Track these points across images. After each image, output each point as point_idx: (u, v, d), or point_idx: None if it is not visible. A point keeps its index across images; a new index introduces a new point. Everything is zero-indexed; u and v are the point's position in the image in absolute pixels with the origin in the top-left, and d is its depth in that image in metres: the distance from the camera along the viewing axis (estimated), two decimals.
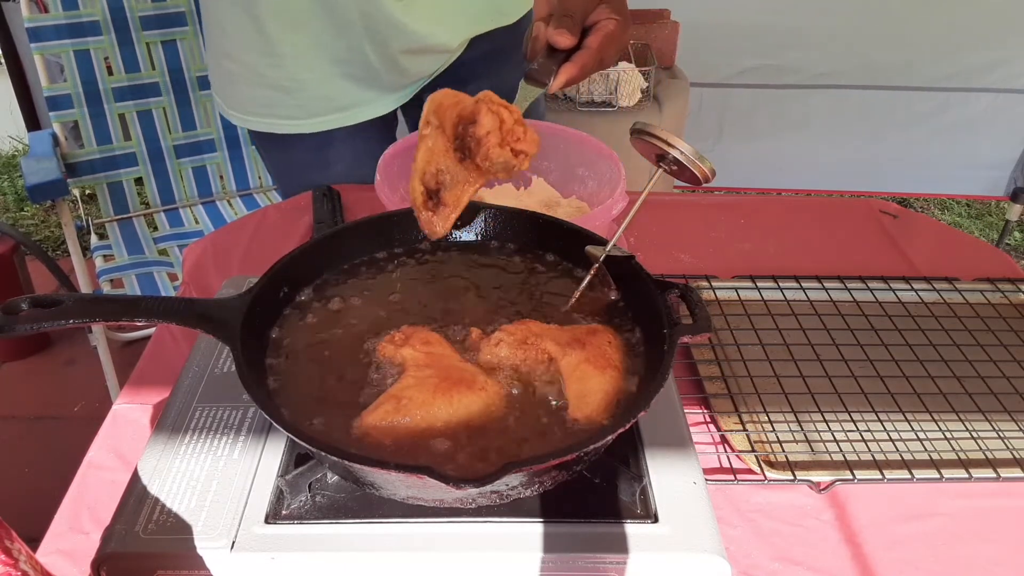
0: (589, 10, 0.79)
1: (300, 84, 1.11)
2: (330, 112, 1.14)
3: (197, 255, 1.05)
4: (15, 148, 3.12)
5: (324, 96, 1.13)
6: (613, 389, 0.60)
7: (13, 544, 0.41)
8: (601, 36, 0.78)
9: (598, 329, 0.65)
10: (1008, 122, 2.70)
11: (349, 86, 1.12)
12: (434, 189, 0.69)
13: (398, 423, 0.56)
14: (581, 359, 0.61)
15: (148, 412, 0.78)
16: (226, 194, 2.06)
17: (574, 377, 0.60)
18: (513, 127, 0.65)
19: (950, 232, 1.20)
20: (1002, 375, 0.86)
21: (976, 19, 2.49)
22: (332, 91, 1.12)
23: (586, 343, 0.62)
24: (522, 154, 0.66)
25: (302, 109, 1.13)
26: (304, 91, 1.11)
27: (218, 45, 1.13)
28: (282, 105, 1.13)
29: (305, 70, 1.09)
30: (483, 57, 1.18)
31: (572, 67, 0.77)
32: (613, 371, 0.61)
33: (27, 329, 0.54)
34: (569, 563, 0.55)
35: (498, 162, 0.65)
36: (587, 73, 0.79)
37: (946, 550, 0.69)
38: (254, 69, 1.10)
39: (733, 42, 2.57)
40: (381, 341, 0.63)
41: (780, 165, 2.86)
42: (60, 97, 1.83)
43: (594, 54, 0.78)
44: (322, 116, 1.14)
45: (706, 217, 1.17)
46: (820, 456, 0.76)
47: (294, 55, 1.08)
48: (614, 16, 0.79)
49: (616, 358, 0.63)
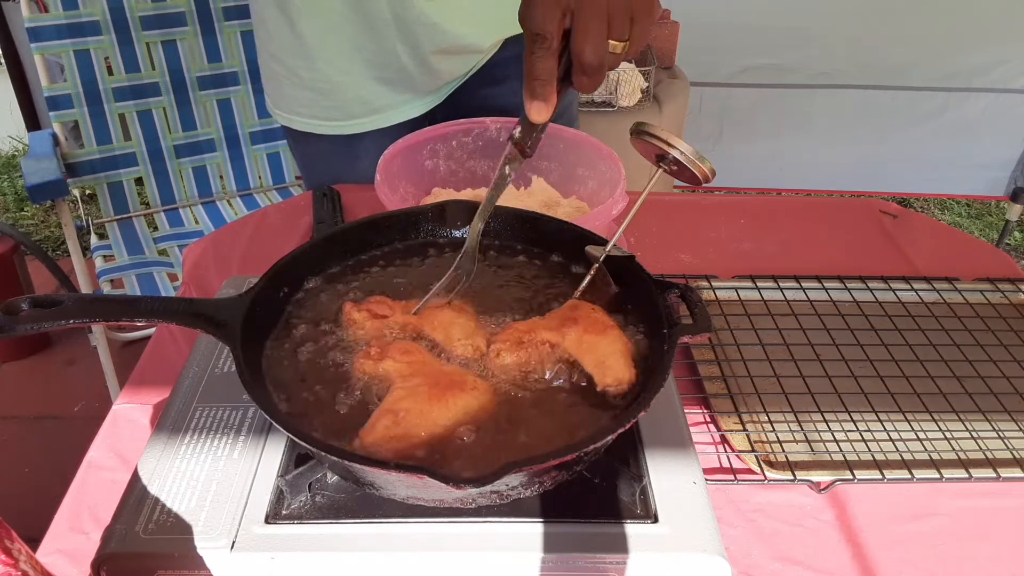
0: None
1: (335, 86, 1.12)
2: (365, 115, 1.15)
3: (197, 255, 1.05)
4: (15, 148, 3.12)
5: (359, 98, 1.14)
6: (624, 346, 0.62)
7: (13, 544, 0.41)
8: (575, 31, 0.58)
9: (576, 304, 0.66)
10: (1008, 122, 2.70)
11: (382, 89, 1.13)
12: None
13: (400, 437, 0.55)
14: (580, 332, 0.62)
15: (148, 412, 0.78)
16: (226, 194, 2.06)
17: (583, 350, 0.61)
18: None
19: (950, 232, 1.20)
20: (1002, 375, 0.86)
21: (976, 19, 2.49)
22: (366, 93, 1.13)
23: (576, 318, 0.63)
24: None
25: (339, 111, 1.15)
26: (339, 93, 1.13)
27: (265, 45, 1.15)
28: (320, 107, 1.14)
29: (339, 73, 1.10)
30: (516, 58, 1.17)
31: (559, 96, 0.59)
32: (612, 330, 0.63)
33: (27, 329, 0.54)
34: (569, 563, 0.55)
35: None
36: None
37: (946, 550, 0.69)
38: (293, 70, 1.12)
39: (733, 42, 2.57)
40: (356, 357, 0.62)
41: (780, 165, 2.86)
42: (60, 97, 1.83)
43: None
44: (358, 118, 1.16)
45: (706, 217, 1.17)
46: (820, 456, 0.76)
47: (327, 57, 1.09)
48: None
49: (607, 319, 0.64)
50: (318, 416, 0.58)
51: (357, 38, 1.07)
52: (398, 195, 0.97)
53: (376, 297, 0.67)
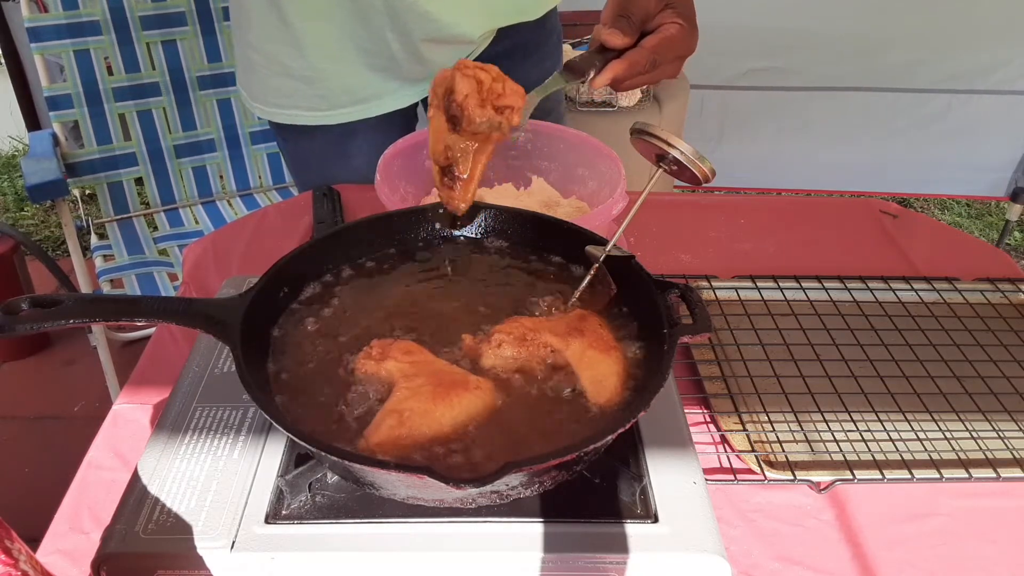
0: (651, 13, 0.76)
1: (321, 74, 1.11)
2: (351, 104, 1.14)
3: (197, 255, 1.05)
4: (15, 148, 3.12)
5: (345, 87, 1.13)
6: (622, 369, 0.62)
7: (13, 544, 0.41)
8: (659, 38, 0.75)
9: (585, 314, 0.66)
10: (1009, 123, 2.70)
11: (371, 76, 1.12)
12: (448, 166, 0.69)
13: (404, 436, 0.55)
14: (585, 346, 0.62)
15: (148, 412, 0.78)
16: (226, 194, 2.06)
17: (583, 365, 0.61)
18: (492, 85, 0.65)
19: (950, 232, 1.20)
20: (1002, 375, 0.86)
21: (977, 21, 2.49)
22: (354, 82, 1.12)
23: (583, 330, 0.63)
24: (507, 109, 0.66)
25: (324, 100, 1.13)
26: (325, 81, 1.12)
27: (243, 36, 1.14)
28: (304, 96, 1.13)
29: (327, 60, 1.09)
30: (507, 52, 1.17)
31: (620, 64, 0.74)
32: (615, 351, 0.63)
33: (27, 329, 0.54)
34: (569, 563, 0.55)
35: (483, 123, 0.65)
36: (635, 73, 0.75)
37: (946, 550, 0.69)
38: (276, 59, 1.10)
39: (735, 44, 2.57)
40: (358, 358, 0.62)
41: (780, 165, 2.86)
42: (60, 97, 1.84)
43: (646, 53, 0.74)
44: (344, 108, 1.14)
45: (706, 217, 1.17)
46: (820, 456, 0.76)
47: (316, 44, 1.08)
48: (677, 20, 0.76)
49: (612, 338, 0.64)
50: (318, 416, 0.58)
51: (348, 25, 1.06)
52: (398, 195, 0.97)
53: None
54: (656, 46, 0.75)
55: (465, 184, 0.70)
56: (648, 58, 0.75)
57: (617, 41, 0.74)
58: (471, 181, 0.70)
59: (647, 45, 0.75)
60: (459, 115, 0.66)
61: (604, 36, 0.74)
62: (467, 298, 0.70)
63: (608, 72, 0.74)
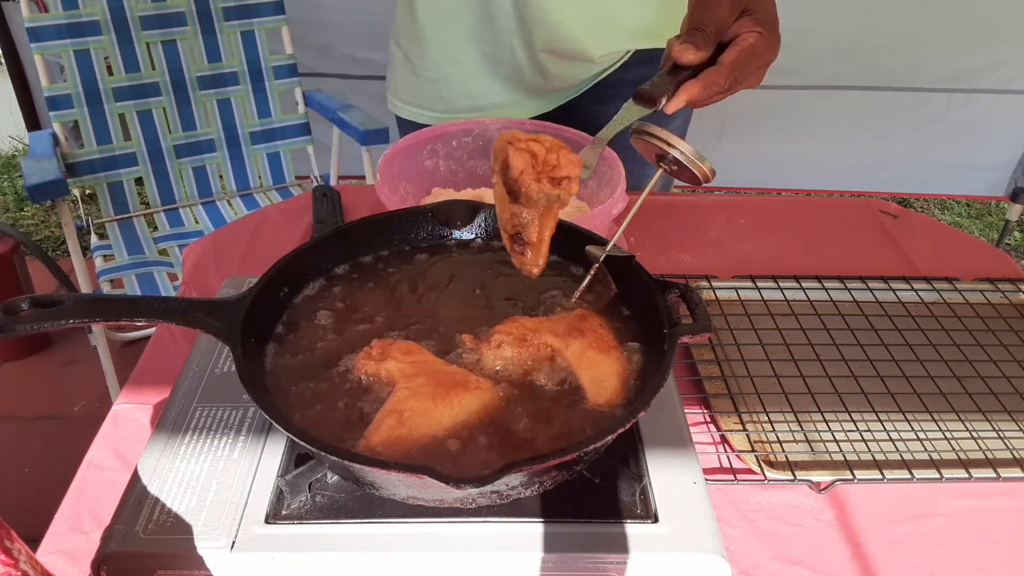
0: (727, 23, 0.69)
1: (444, 76, 1.12)
2: (470, 110, 1.15)
3: (197, 255, 1.05)
4: (15, 148, 3.12)
5: (466, 91, 1.13)
6: (622, 369, 0.62)
7: (13, 544, 0.41)
8: (737, 52, 0.68)
9: (585, 314, 0.66)
10: (1008, 123, 2.70)
11: (492, 83, 1.12)
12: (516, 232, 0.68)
13: (404, 437, 0.55)
14: (584, 346, 0.62)
15: (148, 412, 0.78)
16: (226, 194, 2.06)
17: (583, 365, 0.61)
18: (546, 157, 0.63)
19: (950, 232, 1.20)
20: (1002, 375, 0.86)
21: (977, 21, 2.49)
22: (475, 87, 1.13)
23: (583, 330, 0.63)
24: (564, 179, 0.64)
25: (442, 102, 1.14)
26: (447, 84, 1.12)
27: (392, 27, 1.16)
28: (425, 95, 1.15)
29: (450, 63, 1.10)
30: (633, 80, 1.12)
31: (695, 86, 0.67)
32: (615, 352, 0.63)
33: (27, 329, 0.54)
34: (569, 563, 0.55)
35: (540, 198, 0.64)
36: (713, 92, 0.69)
37: (946, 550, 0.69)
38: (407, 55, 1.12)
39: None
40: (358, 358, 0.61)
41: (780, 165, 2.86)
42: (60, 97, 1.84)
43: (725, 71, 0.67)
44: (461, 113, 1.15)
45: (706, 217, 1.17)
46: (820, 456, 0.76)
47: (439, 43, 1.09)
48: (756, 29, 0.69)
49: (612, 339, 0.64)
50: (319, 416, 0.58)
51: (475, 28, 1.06)
52: (398, 195, 0.97)
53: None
54: (735, 62, 0.68)
55: (535, 248, 0.68)
56: (728, 77, 0.68)
57: (690, 57, 0.67)
58: (540, 244, 0.67)
59: (726, 62, 0.68)
60: (516, 190, 0.65)
61: (675, 52, 0.67)
62: (467, 298, 0.71)
63: (682, 95, 0.68)
